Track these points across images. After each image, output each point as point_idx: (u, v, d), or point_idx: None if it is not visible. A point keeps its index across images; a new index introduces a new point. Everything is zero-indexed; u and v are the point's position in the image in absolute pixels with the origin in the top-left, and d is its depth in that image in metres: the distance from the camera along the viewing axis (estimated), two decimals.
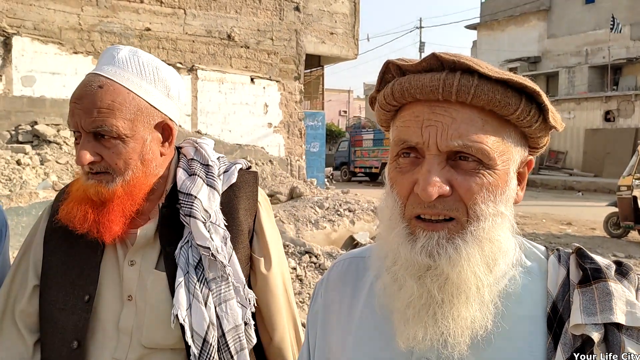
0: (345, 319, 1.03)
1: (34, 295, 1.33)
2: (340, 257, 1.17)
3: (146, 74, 1.28)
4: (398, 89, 0.88)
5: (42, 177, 8.98)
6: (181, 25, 13.06)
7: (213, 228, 1.29)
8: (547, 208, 14.83)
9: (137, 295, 1.28)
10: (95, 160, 1.22)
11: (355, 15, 16.57)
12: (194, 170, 1.36)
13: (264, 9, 14.46)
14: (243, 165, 1.46)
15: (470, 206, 0.84)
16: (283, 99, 14.96)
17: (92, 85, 1.22)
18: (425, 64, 0.86)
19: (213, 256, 1.26)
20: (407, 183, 0.86)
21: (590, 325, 0.80)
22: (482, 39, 32.84)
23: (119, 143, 1.23)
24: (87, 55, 11.77)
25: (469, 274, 0.83)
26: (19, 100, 10.79)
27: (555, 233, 10.91)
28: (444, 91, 0.83)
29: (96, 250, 1.30)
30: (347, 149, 27.94)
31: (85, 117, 1.20)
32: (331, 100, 44.34)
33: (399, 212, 0.88)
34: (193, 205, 1.29)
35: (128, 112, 1.23)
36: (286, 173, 14.05)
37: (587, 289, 0.85)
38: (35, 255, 1.36)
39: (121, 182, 1.25)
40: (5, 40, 10.74)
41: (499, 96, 0.83)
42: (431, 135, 0.83)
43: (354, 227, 8.42)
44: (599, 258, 0.90)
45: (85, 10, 11.75)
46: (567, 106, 26.39)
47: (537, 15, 29.95)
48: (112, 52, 1.29)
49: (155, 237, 1.31)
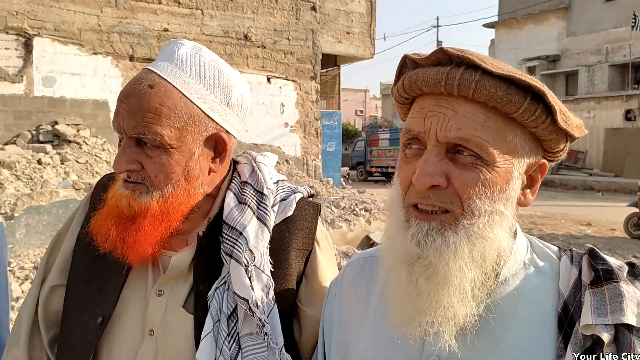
0: (360, 317, 1.04)
1: (54, 295, 1.21)
2: (354, 256, 1.18)
3: (205, 76, 1.11)
4: (408, 81, 0.91)
5: (62, 176, 9.12)
6: (198, 26, 13.16)
7: (256, 274, 1.11)
8: (566, 208, 14.64)
9: (159, 331, 1.11)
10: (134, 168, 1.07)
11: (372, 14, 16.52)
12: (245, 199, 1.17)
13: (280, 9, 14.50)
14: (305, 193, 1.27)
15: (465, 200, 0.84)
16: (299, 98, 14.98)
17: (143, 84, 1.07)
18: (434, 57, 0.89)
19: (251, 310, 1.07)
20: (408, 172, 0.88)
21: (600, 325, 0.80)
22: (500, 38, 32.51)
23: (162, 153, 1.07)
24: (106, 56, 11.92)
25: (455, 267, 0.84)
26: (39, 101, 10.97)
27: (574, 234, 10.77)
28: (447, 84, 0.84)
29: (122, 268, 1.14)
30: (364, 149, 27.88)
31: (128, 120, 1.05)
32: (347, 100, 44.27)
33: (400, 200, 0.90)
34: (236, 244, 1.10)
35: (177, 119, 1.07)
36: (302, 173, 14.08)
37: (599, 289, 0.85)
38: (64, 252, 1.23)
39: (157, 197, 1.08)
40: (27, 41, 10.92)
41: (500, 93, 0.83)
42: (432, 126, 0.85)
43: (370, 226, 8.41)
44: (611, 259, 0.90)
45: (105, 11, 11.90)
46: (587, 105, 26.00)
47: (557, 13, 29.55)
48: (173, 47, 1.14)
49: (189, 269, 1.13)
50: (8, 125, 10.60)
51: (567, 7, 29.25)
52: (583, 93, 27.19)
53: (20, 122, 10.70)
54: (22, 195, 7.24)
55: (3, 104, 10.52)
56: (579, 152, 25.80)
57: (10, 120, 10.62)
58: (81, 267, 1.19)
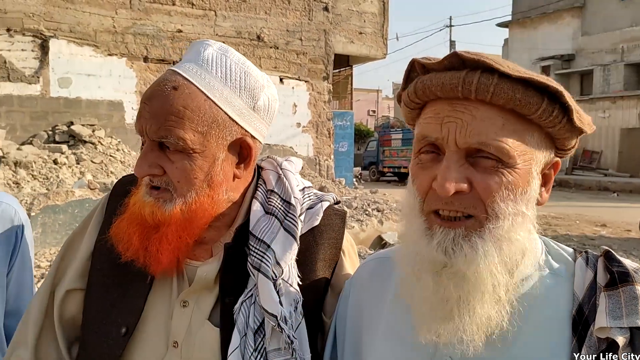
0: (373, 320, 1.04)
1: (70, 299, 1.17)
2: (368, 257, 1.18)
3: (231, 79, 1.07)
4: (420, 87, 0.90)
5: (77, 176, 9.23)
6: (212, 27, 13.24)
7: (284, 288, 1.07)
8: (581, 209, 14.49)
9: (183, 344, 1.08)
10: (155, 172, 1.03)
11: (384, 14, 16.49)
12: (272, 209, 1.13)
13: (293, 10, 14.53)
14: (331, 201, 1.23)
15: (489, 204, 0.84)
16: (312, 99, 15.00)
17: (166, 85, 1.03)
18: (447, 62, 0.88)
19: (279, 327, 1.03)
20: (427, 178, 0.88)
21: (615, 328, 0.80)
22: (514, 37, 32.25)
23: (184, 158, 1.03)
24: (121, 57, 12.04)
25: (485, 272, 0.83)
26: (55, 102, 11.12)
27: (589, 235, 10.66)
28: (464, 89, 0.84)
29: (145, 276, 1.10)
30: (376, 149, 27.83)
31: (151, 123, 1.01)
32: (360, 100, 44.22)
33: (418, 207, 0.89)
34: (264, 258, 1.06)
35: (201, 122, 1.02)
36: (315, 173, 14.10)
37: (614, 292, 0.84)
38: (81, 256, 1.18)
39: (181, 205, 1.04)
40: (43, 42, 11.07)
41: (519, 95, 0.83)
42: (450, 132, 0.84)
43: (382, 227, 8.40)
44: (627, 261, 0.89)
45: (120, 13, 12.02)
46: (601, 105, 25.72)
47: (571, 12, 29.24)
48: (198, 48, 1.09)
49: (215, 280, 1.10)
50: (25, 126, 10.75)
51: (582, 6, 28.93)
52: (598, 93, 26.89)
53: (37, 122, 10.85)
54: (38, 195, 7.34)
55: (20, 105, 10.67)
56: (594, 152, 25.53)
57: (27, 121, 10.77)
58: (102, 273, 1.14)
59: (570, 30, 29.47)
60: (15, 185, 8.37)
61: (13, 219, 1.40)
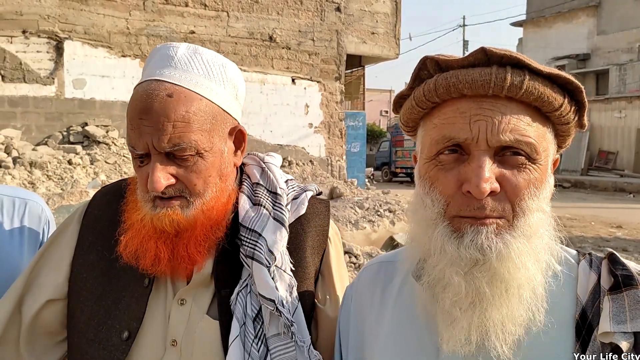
0: (375, 324, 1.03)
1: (49, 309, 1.14)
2: (370, 262, 1.17)
3: (214, 74, 1.09)
4: (443, 84, 0.85)
5: (91, 176, 9.32)
6: (224, 28, 13.29)
7: (278, 274, 1.09)
8: (596, 210, 14.32)
9: (183, 341, 1.08)
10: (171, 183, 1.03)
11: (397, 14, 16.44)
12: (259, 199, 1.16)
13: (305, 10, 14.54)
14: (314, 192, 1.26)
15: (517, 202, 0.83)
16: (324, 99, 14.99)
17: (159, 95, 1.01)
18: (472, 58, 0.85)
19: (278, 311, 1.05)
20: (452, 181, 0.84)
21: (619, 333, 0.79)
22: (529, 36, 31.99)
23: (198, 160, 1.04)
24: (134, 58, 12.13)
25: (520, 268, 0.82)
26: (70, 103, 11.23)
27: (604, 236, 10.52)
28: (495, 86, 0.82)
29: (142, 278, 1.10)
30: (388, 149, 27.78)
31: (158, 135, 0.99)
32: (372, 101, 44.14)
33: (440, 211, 0.86)
34: (257, 246, 1.09)
35: (204, 122, 1.04)
36: (327, 173, 14.09)
37: (618, 296, 0.82)
38: (58, 267, 1.17)
39: (201, 206, 1.06)
40: (58, 44, 11.19)
41: (547, 91, 0.83)
42: (481, 131, 0.82)
43: (394, 227, 8.37)
44: (631, 264, 0.88)
45: (133, 14, 12.12)
46: (617, 105, 25.39)
47: (587, 11, 28.94)
48: (166, 52, 1.09)
49: (211, 275, 1.11)
50: (40, 127, 10.88)
51: (598, 5, 28.61)
52: (614, 92, 26.55)
53: (52, 123, 10.97)
54: (53, 195, 7.42)
55: (35, 106, 10.80)
56: (610, 152, 25.21)
57: (42, 122, 10.89)
58: (90, 282, 1.13)
59: (586, 30, 29.16)
60: (30, 185, 8.47)
61: (40, 216, 1.43)
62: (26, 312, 1.14)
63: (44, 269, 1.18)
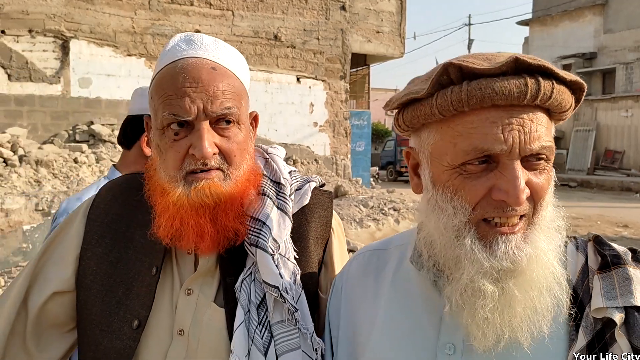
0: (369, 315, 1.04)
1: (56, 301, 1.16)
2: (360, 250, 1.17)
3: (234, 58, 1.15)
4: (478, 95, 0.83)
5: (97, 174, 9.35)
6: (229, 27, 13.31)
7: (282, 262, 1.11)
8: (602, 210, 14.25)
9: (190, 330, 1.10)
10: (215, 151, 1.06)
11: (402, 13, 16.41)
12: (263, 189, 1.17)
13: (310, 9, 14.54)
14: (317, 183, 1.28)
15: (539, 201, 0.87)
16: (329, 98, 14.99)
17: (204, 67, 1.07)
18: (505, 67, 0.83)
19: (282, 297, 1.07)
20: (480, 189, 0.85)
21: (611, 308, 0.84)
22: (535, 35, 31.86)
23: (238, 131, 1.09)
24: (139, 57, 12.16)
25: (548, 266, 0.86)
26: (76, 101, 11.27)
27: (610, 235, 10.48)
28: (530, 95, 0.83)
29: (150, 267, 1.13)
30: (393, 149, 27.72)
31: (210, 100, 1.04)
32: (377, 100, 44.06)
33: (465, 218, 0.86)
34: (261, 234, 1.11)
35: (239, 96, 1.11)
36: (331, 172, 14.09)
37: (607, 274, 0.88)
38: (65, 260, 1.18)
39: (235, 179, 1.09)
40: (64, 43, 11.23)
41: (568, 97, 0.86)
42: (514, 141, 0.83)
43: (398, 226, 8.36)
44: (615, 245, 0.94)
45: (139, 13, 12.15)
46: (624, 104, 25.25)
47: (593, 10, 28.78)
48: (191, 38, 1.14)
49: (216, 264, 1.14)
50: (46, 125, 10.93)
51: (604, 4, 28.45)
52: (620, 91, 26.40)
53: (58, 122, 11.01)
54: (58, 193, 7.45)
55: (41, 105, 10.85)
56: (616, 152, 25.08)
57: (48, 121, 10.94)
58: (100, 274, 1.15)
59: (592, 28, 29.00)
60: (36, 183, 8.51)
61: None
62: (32, 304, 1.16)
63: (48, 262, 1.20)
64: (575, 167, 24.69)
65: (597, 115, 25.07)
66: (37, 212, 6.95)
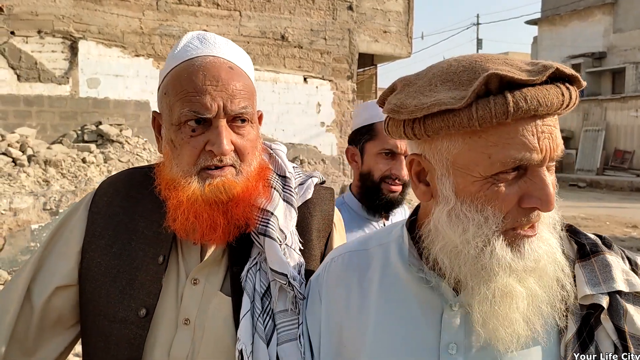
0: (358, 318, 1.01)
1: (60, 295, 1.17)
2: (336, 252, 1.14)
3: (243, 58, 1.19)
4: (524, 107, 0.80)
5: (105, 174, 9.39)
6: (236, 27, 13.32)
7: (288, 252, 1.14)
8: (611, 210, 14.14)
9: (196, 319, 1.12)
10: (231, 148, 1.10)
11: (409, 13, 16.36)
12: (270, 182, 1.22)
13: (317, 9, 14.53)
14: (319, 179, 1.33)
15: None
16: (336, 98, 14.97)
17: (223, 66, 1.11)
18: (546, 78, 0.83)
19: (290, 285, 1.09)
20: (513, 198, 0.86)
21: (597, 294, 0.88)
22: (544, 35, 31.66)
23: (251, 129, 1.14)
24: (147, 58, 12.20)
25: (557, 259, 0.90)
26: (84, 102, 11.33)
27: (619, 236, 10.40)
28: (564, 104, 0.85)
29: (155, 257, 1.15)
30: None
31: (230, 98, 1.08)
32: None
33: (495, 227, 0.86)
34: (269, 223, 1.13)
35: (252, 95, 1.16)
36: (338, 172, 14.07)
37: (587, 262, 0.92)
38: (68, 253, 1.20)
39: (248, 173, 1.13)
40: (72, 44, 11.29)
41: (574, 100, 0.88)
42: (546, 148, 0.85)
43: None
44: (588, 233, 0.99)
45: (147, 14, 12.19)
46: (634, 104, 25.04)
47: (603, 9, 28.56)
48: (204, 37, 1.17)
49: (222, 254, 1.17)
50: (55, 125, 10.99)
51: (614, 3, 28.23)
52: (630, 91, 26.18)
53: (66, 122, 11.07)
54: (66, 192, 7.49)
55: (50, 105, 10.91)
56: (626, 152, 24.87)
57: (56, 121, 11.00)
58: (104, 266, 1.16)
59: (602, 28, 28.79)
60: (44, 183, 8.56)
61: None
62: (36, 299, 1.17)
63: (50, 257, 1.21)
64: (584, 167, 24.50)
65: (607, 115, 24.86)
66: (45, 212, 6.99)
